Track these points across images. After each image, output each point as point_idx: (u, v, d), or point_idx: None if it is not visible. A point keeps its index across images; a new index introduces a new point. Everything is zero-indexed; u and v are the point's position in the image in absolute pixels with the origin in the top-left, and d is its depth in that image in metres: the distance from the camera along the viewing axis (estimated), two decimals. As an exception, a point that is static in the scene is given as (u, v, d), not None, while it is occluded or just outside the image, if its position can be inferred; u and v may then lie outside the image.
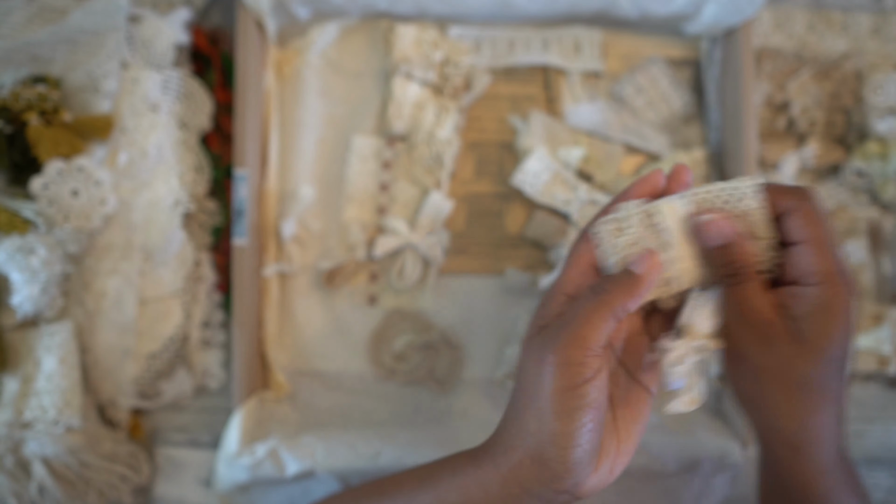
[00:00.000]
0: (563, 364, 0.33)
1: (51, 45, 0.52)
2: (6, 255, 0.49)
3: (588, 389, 0.33)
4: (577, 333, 0.33)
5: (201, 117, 0.57)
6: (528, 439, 0.35)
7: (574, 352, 0.33)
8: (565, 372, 0.33)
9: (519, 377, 0.36)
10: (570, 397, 0.33)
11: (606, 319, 0.34)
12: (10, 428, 0.51)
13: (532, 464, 0.34)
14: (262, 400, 0.54)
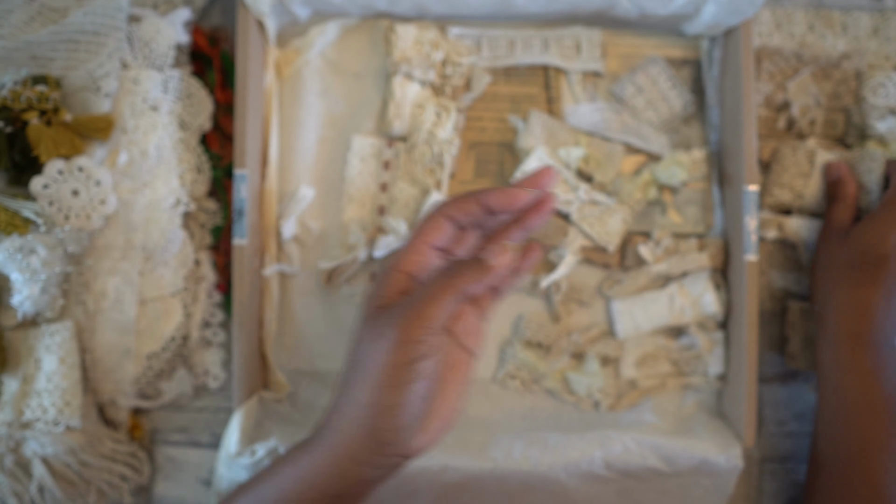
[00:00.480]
0: (403, 341, 0.35)
1: (51, 45, 0.52)
2: (6, 255, 0.49)
3: (423, 364, 0.36)
4: (421, 312, 0.36)
5: (201, 117, 0.57)
6: (359, 413, 0.37)
7: (415, 329, 0.35)
8: (404, 348, 0.35)
9: (354, 355, 0.38)
10: (406, 371, 0.36)
11: (450, 300, 0.36)
12: (10, 428, 0.51)
13: (364, 436, 0.37)
14: (262, 400, 0.55)
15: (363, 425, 0.37)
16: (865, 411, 0.48)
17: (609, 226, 0.56)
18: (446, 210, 0.40)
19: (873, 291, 0.49)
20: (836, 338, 0.50)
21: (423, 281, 0.39)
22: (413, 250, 0.39)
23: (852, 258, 0.50)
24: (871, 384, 0.48)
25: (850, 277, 0.50)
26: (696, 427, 0.54)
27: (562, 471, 0.51)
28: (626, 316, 0.57)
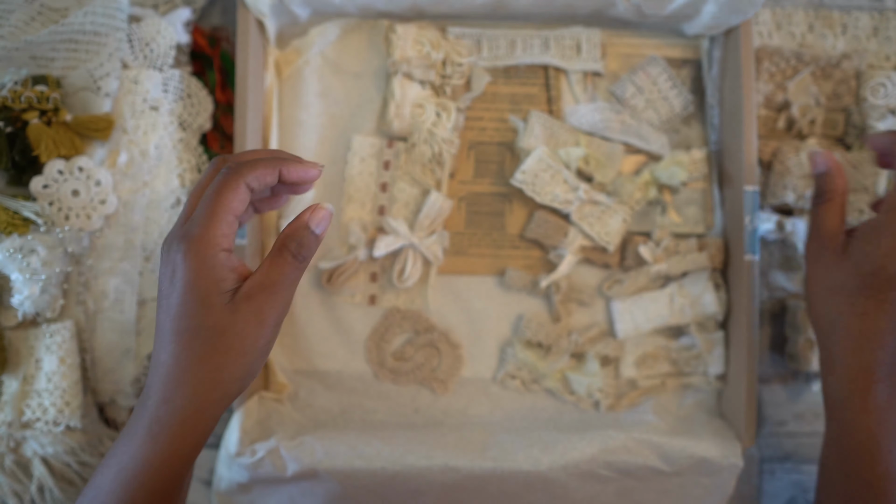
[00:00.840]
0: (272, 326, 0.38)
1: (51, 45, 0.52)
2: (6, 255, 0.49)
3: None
4: (284, 298, 0.38)
5: (201, 117, 0.57)
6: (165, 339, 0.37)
7: (281, 313, 0.38)
8: (271, 331, 0.38)
9: (160, 287, 0.38)
10: (270, 347, 0.38)
11: (300, 277, 0.38)
12: (10, 428, 0.51)
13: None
14: (262, 400, 0.55)
15: (227, 394, 0.38)
16: (878, 452, 0.43)
17: (609, 226, 0.56)
18: (246, 176, 0.38)
19: (884, 320, 0.43)
20: (844, 373, 0.44)
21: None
22: (223, 223, 0.37)
23: (856, 281, 0.43)
24: (885, 421, 0.43)
25: (854, 304, 0.44)
26: (696, 427, 0.54)
27: (562, 471, 0.51)
28: (626, 316, 0.57)
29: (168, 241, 0.37)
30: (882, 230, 0.43)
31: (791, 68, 0.59)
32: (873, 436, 0.42)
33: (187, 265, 0.36)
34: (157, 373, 0.37)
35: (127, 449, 0.37)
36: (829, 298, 0.45)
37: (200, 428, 0.38)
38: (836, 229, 0.45)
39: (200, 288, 0.36)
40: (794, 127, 0.59)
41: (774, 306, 0.59)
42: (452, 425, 0.57)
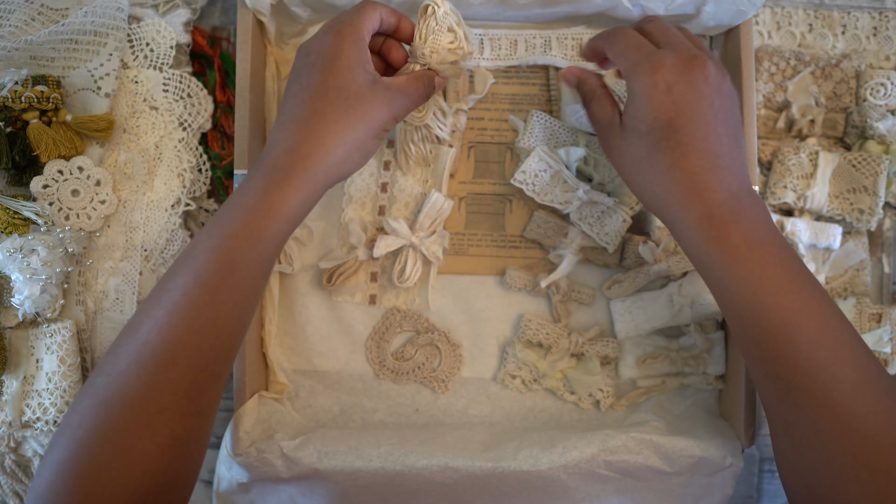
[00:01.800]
0: (394, 118, 0.46)
1: (51, 45, 0.52)
2: (6, 255, 0.49)
3: (378, 146, 0.48)
4: (408, 107, 0.47)
5: (201, 117, 0.57)
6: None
7: (402, 115, 0.47)
8: (391, 123, 0.46)
9: (296, 74, 0.46)
10: (375, 145, 0.47)
11: (419, 105, 0.49)
12: (10, 428, 0.51)
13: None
14: (262, 400, 0.55)
15: (339, 158, 0.44)
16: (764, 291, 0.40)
17: (609, 226, 0.56)
18: (381, 7, 0.46)
19: (689, 160, 0.42)
20: (693, 234, 0.42)
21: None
22: (367, 19, 0.45)
23: (647, 144, 0.43)
24: (747, 258, 0.41)
25: (659, 164, 0.43)
26: (696, 427, 0.54)
27: (562, 470, 0.51)
28: (626, 316, 0.57)
29: (307, 42, 0.46)
30: (634, 92, 0.44)
31: (791, 68, 0.59)
32: (750, 277, 0.40)
33: (336, 42, 0.44)
34: (287, 128, 0.44)
35: (239, 200, 0.43)
36: (639, 175, 0.45)
37: (314, 184, 0.43)
38: (609, 115, 0.47)
39: (349, 58, 0.44)
40: (794, 127, 0.59)
41: (774, 306, 0.59)
42: (452, 425, 0.57)
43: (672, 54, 0.43)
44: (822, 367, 0.38)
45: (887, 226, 0.59)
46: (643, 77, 0.43)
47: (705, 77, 0.43)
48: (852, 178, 0.56)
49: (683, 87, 0.42)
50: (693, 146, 0.42)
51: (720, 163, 0.42)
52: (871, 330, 0.55)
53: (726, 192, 0.42)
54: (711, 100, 0.43)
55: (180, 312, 0.40)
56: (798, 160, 0.57)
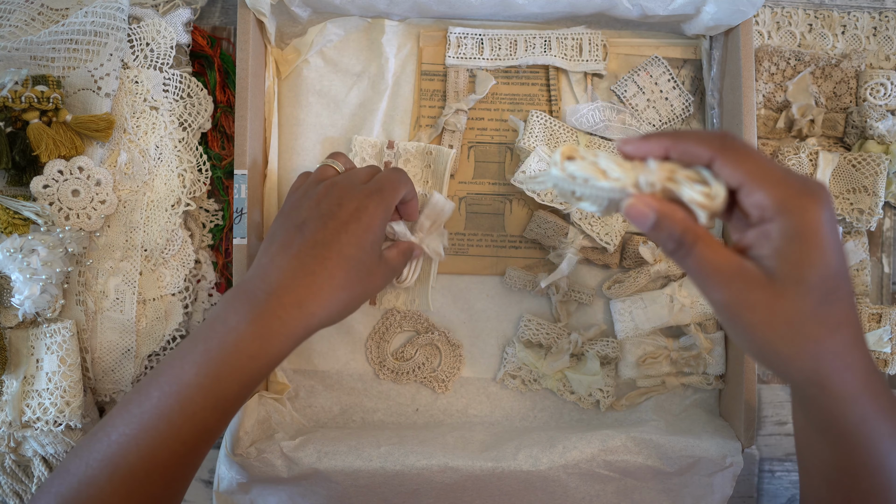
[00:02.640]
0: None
1: (51, 45, 0.52)
2: (6, 255, 0.49)
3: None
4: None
5: (201, 117, 0.57)
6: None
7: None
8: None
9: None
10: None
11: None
12: (10, 428, 0.51)
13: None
14: (262, 400, 0.54)
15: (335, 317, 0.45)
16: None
17: (609, 226, 0.56)
18: (402, 190, 0.48)
19: (851, 315, 0.36)
20: (851, 392, 0.36)
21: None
22: (395, 203, 0.48)
23: (813, 298, 0.34)
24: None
25: (824, 320, 0.35)
26: (696, 427, 0.54)
27: (562, 470, 0.51)
28: (626, 316, 0.57)
29: (333, 179, 0.47)
30: (796, 233, 0.34)
31: (791, 68, 0.59)
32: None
33: (374, 212, 0.45)
34: (285, 270, 0.43)
35: (215, 336, 0.41)
36: (797, 338, 0.35)
37: (303, 335, 0.43)
38: (737, 264, 0.35)
39: (375, 233, 0.45)
40: (794, 127, 0.59)
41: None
42: (452, 425, 0.57)
43: (811, 182, 0.34)
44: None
45: (887, 226, 0.59)
46: (809, 213, 0.33)
47: (833, 203, 0.36)
48: (852, 178, 0.56)
49: (835, 227, 0.35)
50: (852, 294, 0.36)
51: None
52: (871, 330, 0.55)
53: (866, 342, 0.37)
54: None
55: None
56: (798, 160, 0.57)
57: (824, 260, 0.34)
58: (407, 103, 0.58)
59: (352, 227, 0.44)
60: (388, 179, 0.47)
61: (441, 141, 0.58)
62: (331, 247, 0.43)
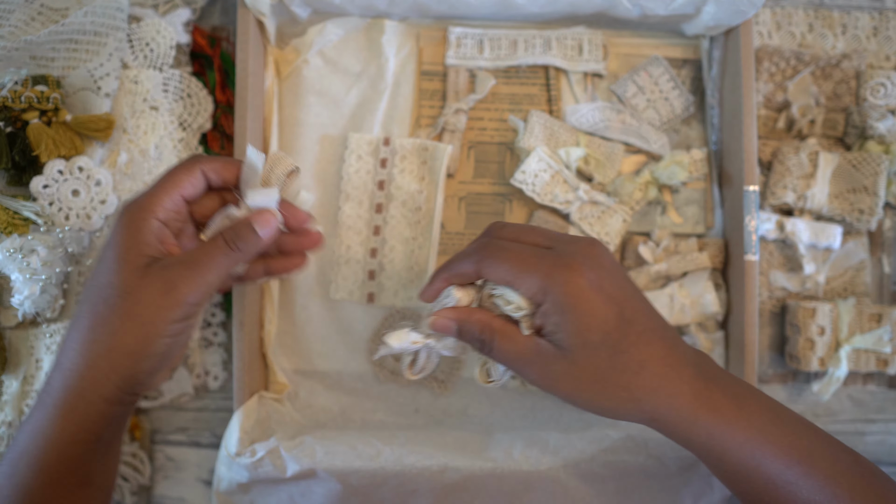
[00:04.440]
0: (182, 302, 0.37)
1: (51, 45, 0.52)
2: (6, 255, 0.49)
3: (194, 321, 0.39)
4: (203, 276, 0.37)
5: (201, 117, 0.57)
6: (115, 357, 0.36)
7: (195, 292, 0.37)
8: (182, 308, 0.37)
9: (112, 298, 0.36)
10: (180, 327, 0.37)
11: (229, 267, 0.39)
12: (10, 428, 0.51)
13: (119, 378, 0.37)
14: (262, 400, 0.55)
15: (118, 368, 0.36)
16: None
17: (609, 226, 0.56)
18: (205, 164, 0.40)
19: (644, 350, 0.38)
20: (678, 415, 0.38)
21: (175, 230, 0.40)
22: (166, 195, 0.39)
23: (609, 347, 0.37)
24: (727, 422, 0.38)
25: (628, 363, 0.37)
26: (696, 427, 0.54)
27: (561, 471, 0.51)
28: (626, 316, 0.57)
29: (123, 205, 0.39)
30: (563, 305, 0.36)
31: (791, 68, 0.59)
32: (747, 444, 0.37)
33: (117, 225, 0.38)
34: (69, 339, 0.37)
35: (31, 418, 0.37)
36: (605, 390, 0.37)
37: (88, 404, 0.36)
38: (531, 346, 0.38)
39: (120, 246, 0.37)
40: (794, 127, 0.59)
41: (774, 306, 0.59)
42: (452, 425, 0.57)
43: (571, 248, 0.38)
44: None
45: (887, 226, 0.59)
46: (567, 285, 0.36)
47: (609, 255, 0.39)
48: (852, 178, 0.56)
49: (606, 276, 0.37)
50: (649, 330, 0.38)
51: (669, 332, 0.39)
52: (871, 330, 0.55)
53: (690, 360, 0.39)
54: (625, 273, 0.39)
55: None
56: (798, 160, 0.57)
57: (598, 318, 0.36)
58: (407, 103, 0.58)
59: (99, 258, 0.38)
60: (158, 179, 0.40)
61: (441, 141, 0.58)
62: (85, 295, 0.38)
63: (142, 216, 0.38)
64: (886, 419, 0.58)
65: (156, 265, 0.37)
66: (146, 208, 0.38)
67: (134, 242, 0.37)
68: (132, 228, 0.37)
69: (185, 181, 0.39)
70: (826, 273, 0.58)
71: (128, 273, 0.36)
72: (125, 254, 0.37)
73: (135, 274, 0.36)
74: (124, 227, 0.38)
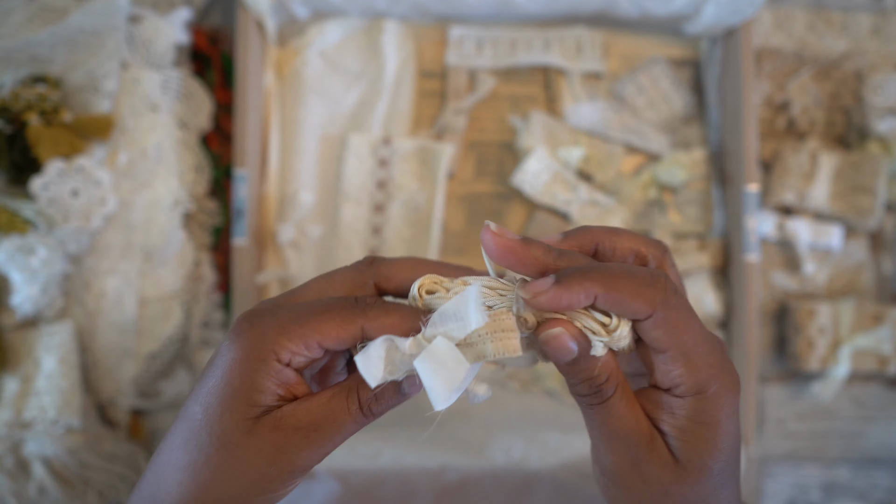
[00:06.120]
0: (291, 473, 0.29)
1: (51, 45, 0.52)
2: (6, 255, 0.49)
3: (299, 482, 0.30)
4: (322, 449, 0.29)
5: (201, 117, 0.57)
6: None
7: (310, 462, 0.29)
8: (288, 480, 0.29)
9: (203, 438, 0.29)
10: (283, 492, 0.30)
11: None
12: (10, 428, 0.51)
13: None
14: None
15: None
16: None
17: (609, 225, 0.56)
18: (374, 319, 0.29)
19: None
20: None
21: (309, 368, 0.30)
22: (299, 339, 0.29)
23: (719, 481, 0.30)
24: None
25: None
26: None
27: (561, 470, 0.50)
28: (626, 316, 0.57)
29: (247, 311, 0.30)
30: (705, 424, 0.29)
31: (791, 68, 0.59)
32: None
33: (232, 354, 0.29)
34: (172, 477, 0.29)
35: None
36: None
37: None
38: (644, 428, 0.29)
39: (230, 386, 0.29)
40: (794, 127, 0.59)
41: (774, 306, 0.59)
42: (452, 425, 0.56)
43: (733, 370, 0.30)
44: None
45: (887, 226, 0.59)
46: (723, 400, 0.29)
47: None
48: (852, 178, 0.56)
49: (737, 413, 0.30)
50: (737, 476, 0.31)
51: None
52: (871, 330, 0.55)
53: None
54: None
55: None
56: (798, 160, 0.57)
57: (727, 446, 0.30)
58: (406, 103, 0.58)
59: (206, 372, 0.29)
60: (290, 306, 0.30)
61: (441, 141, 0.58)
62: (190, 428, 0.29)
63: (265, 354, 0.28)
64: (886, 419, 0.58)
65: (268, 420, 0.28)
66: (275, 343, 0.28)
67: (248, 388, 0.28)
68: (249, 367, 0.28)
69: (333, 332, 0.29)
70: (826, 273, 0.58)
71: (231, 426, 0.28)
72: (232, 402, 0.28)
73: (238, 428, 0.28)
74: (240, 360, 0.29)
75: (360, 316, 0.29)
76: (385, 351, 0.28)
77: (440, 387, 0.27)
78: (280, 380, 0.29)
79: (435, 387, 0.26)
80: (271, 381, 0.29)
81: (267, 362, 0.28)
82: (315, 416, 0.29)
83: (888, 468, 0.58)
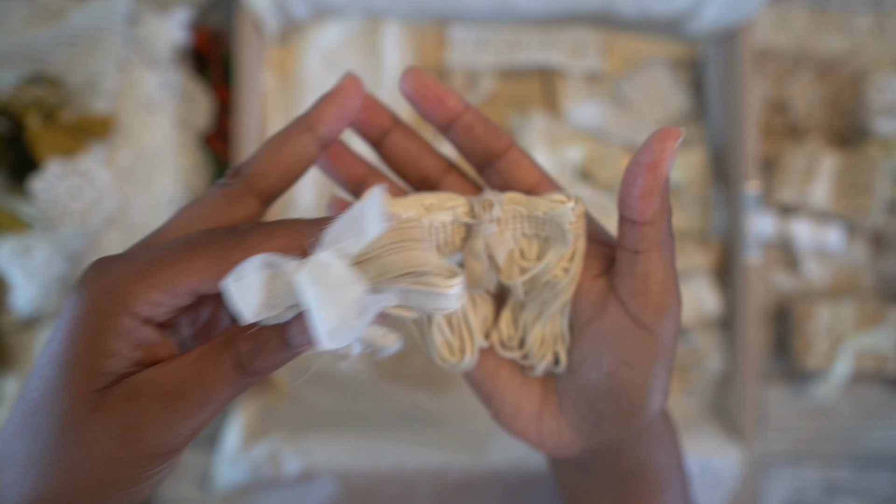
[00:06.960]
0: (150, 456, 0.23)
1: (51, 45, 0.52)
2: (6, 255, 0.49)
3: (172, 463, 0.24)
4: (189, 421, 0.23)
5: (201, 117, 0.57)
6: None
7: (174, 439, 0.23)
8: (147, 463, 0.23)
9: (40, 421, 0.22)
10: (147, 479, 0.23)
11: (234, 398, 0.23)
12: (9, 428, 0.51)
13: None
14: (261, 400, 0.54)
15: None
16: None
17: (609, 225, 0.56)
18: (255, 245, 0.23)
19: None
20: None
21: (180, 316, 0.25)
22: (161, 285, 0.23)
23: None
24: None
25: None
26: (696, 427, 0.54)
27: (562, 471, 0.51)
28: (626, 316, 0.57)
29: (100, 258, 0.24)
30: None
31: (791, 68, 0.59)
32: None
33: (74, 312, 0.22)
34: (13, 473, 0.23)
35: None
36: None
37: None
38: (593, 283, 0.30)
39: (70, 352, 0.22)
40: (794, 127, 0.59)
41: (775, 306, 0.59)
42: (452, 425, 0.56)
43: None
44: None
45: (888, 226, 0.59)
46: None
47: None
48: (852, 177, 0.56)
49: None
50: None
51: None
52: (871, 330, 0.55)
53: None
54: None
55: None
56: (798, 160, 0.57)
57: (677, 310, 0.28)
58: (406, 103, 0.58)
59: (49, 338, 0.23)
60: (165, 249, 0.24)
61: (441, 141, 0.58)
62: (20, 410, 0.23)
63: (115, 310, 0.22)
64: (886, 419, 0.58)
65: (117, 391, 0.22)
66: (120, 298, 0.22)
67: (93, 353, 0.22)
68: (91, 325, 0.22)
69: (204, 271, 0.23)
70: (826, 273, 0.58)
71: (74, 401, 0.22)
72: (76, 371, 0.22)
73: (83, 404, 0.22)
74: (80, 318, 0.22)
75: (238, 247, 0.23)
76: (266, 278, 0.21)
77: (326, 315, 0.20)
78: (136, 340, 0.23)
79: (319, 314, 0.20)
80: (123, 341, 0.22)
81: (117, 318, 0.22)
82: (178, 380, 0.22)
83: (889, 468, 0.58)
